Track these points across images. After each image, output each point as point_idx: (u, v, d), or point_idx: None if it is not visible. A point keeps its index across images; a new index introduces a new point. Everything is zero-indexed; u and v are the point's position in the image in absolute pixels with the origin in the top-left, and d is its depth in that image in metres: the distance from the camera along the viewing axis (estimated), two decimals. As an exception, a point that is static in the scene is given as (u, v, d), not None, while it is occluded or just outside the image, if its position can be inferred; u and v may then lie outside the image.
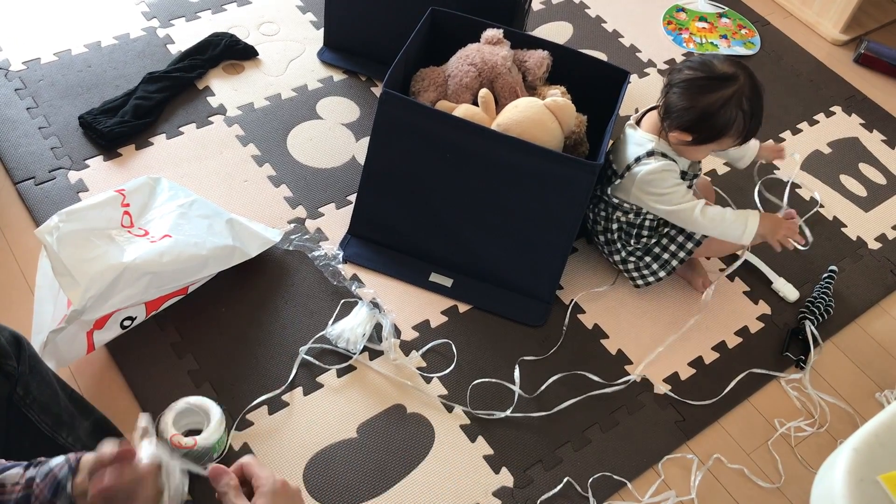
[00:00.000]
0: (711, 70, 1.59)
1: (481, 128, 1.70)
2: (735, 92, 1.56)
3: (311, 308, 1.72)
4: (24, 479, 0.89)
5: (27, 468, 0.90)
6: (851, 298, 1.95)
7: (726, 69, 1.58)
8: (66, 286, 1.40)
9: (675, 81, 1.62)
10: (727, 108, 1.57)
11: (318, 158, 2.01)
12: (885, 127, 2.41)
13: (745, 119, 1.58)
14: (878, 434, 1.03)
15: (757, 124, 1.62)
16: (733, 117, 1.58)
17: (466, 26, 1.92)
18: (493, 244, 1.78)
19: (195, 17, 2.30)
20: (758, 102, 1.59)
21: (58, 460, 0.90)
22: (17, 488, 0.88)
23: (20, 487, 0.88)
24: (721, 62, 1.60)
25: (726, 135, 1.60)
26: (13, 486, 0.88)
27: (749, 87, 1.57)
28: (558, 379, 1.68)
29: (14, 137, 1.92)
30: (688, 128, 1.61)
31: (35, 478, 0.88)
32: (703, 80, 1.58)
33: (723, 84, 1.57)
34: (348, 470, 1.50)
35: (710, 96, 1.57)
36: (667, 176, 1.66)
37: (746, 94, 1.57)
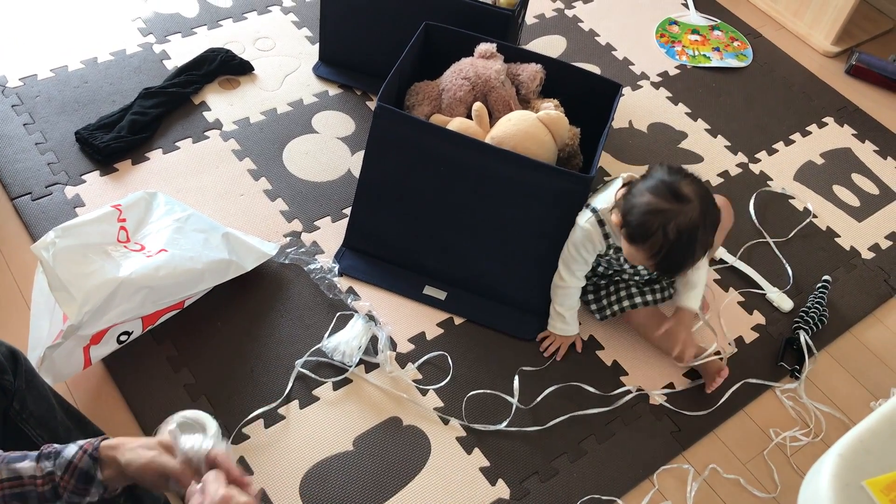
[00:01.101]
0: (675, 181, 1.46)
1: (475, 141, 1.71)
2: (671, 211, 1.43)
3: (307, 321, 1.72)
4: (43, 473, 0.90)
5: (38, 460, 0.91)
6: (845, 308, 1.96)
7: (686, 190, 1.44)
8: (62, 301, 1.40)
9: (650, 170, 1.52)
10: (653, 219, 1.44)
11: (314, 172, 2.02)
12: (877, 137, 2.43)
13: (663, 243, 1.45)
14: (863, 439, 1.04)
15: (676, 262, 1.49)
16: (653, 231, 1.45)
17: (460, 41, 1.94)
18: (487, 257, 1.79)
19: (191, 32, 2.32)
20: (687, 240, 1.44)
21: (72, 451, 0.92)
22: (38, 482, 0.90)
23: (42, 481, 0.90)
24: (691, 183, 1.46)
25: (640, 244, 1.48)
26: (31, 479, 0.90)
27: (689, 220, 1.43)
28: (554, 391, 1.68)
29: (11, 153, 1.93)
30: (623, 214, 1.51)
31: (55, 472, 0.90)
32: (661, 184, 1.46)
33: (670, 197, 1.44)
34: (345, 483, 1.50)
35: (651, 198, 1.46)
36: (581, 236, 1.64)
37: (681, 223, 1.43)
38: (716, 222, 1.49)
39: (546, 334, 1.77)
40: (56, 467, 0.90)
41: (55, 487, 0.90)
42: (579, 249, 1.65)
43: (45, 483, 0.90)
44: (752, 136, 2.36)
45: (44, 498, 0.90)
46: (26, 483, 0.89)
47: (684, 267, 1.53)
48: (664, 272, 1.54)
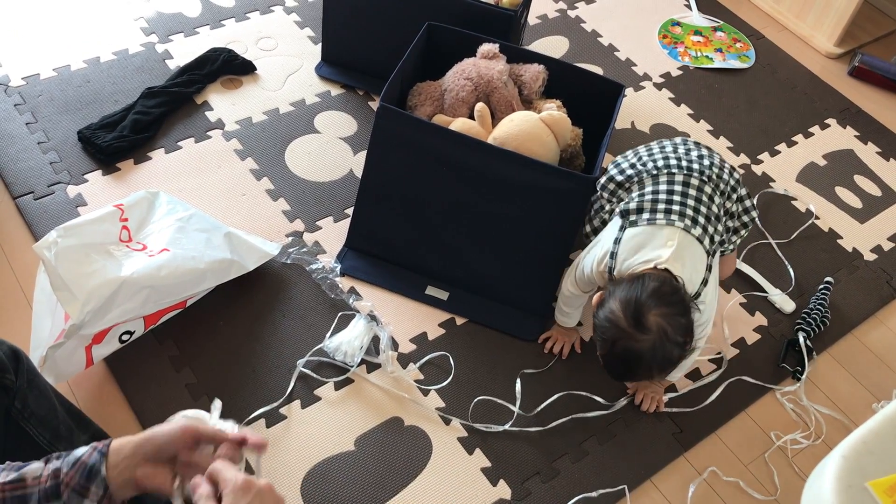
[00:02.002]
0: (643, 307, 1.37)
1: (477, 141, 1.71)
2: (622, 334, 1.38)
3: (309, 321, 1.72)
4: (48, 471, 0.90)
5: (47, 462, 0.91)
6: (847, 310, 1.96)
7: (650, 321, 1.36)
8: (64, 301, 1.40)
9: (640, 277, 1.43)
10: (608, 329, 1.40)
11: (316, 172, 2.02)
12: (879, 139, 2.43)
13: (608, 353, 1.42)
14: (866, 441, 1.03)
15: (615, 372, 1.46)
16: (605, 338, 1.42)
17: (463, 41, 1.94)
18: (489, 257, 1.79)
19: (194, 32, 2.32)
20: (629, 363, 1.40)
21: (83, 449, 0.91)
22: (41, 480, 0.89)
23: (45, 478, 0.89)
24: (660, 315, 1.37)
25: (599, 349, 1.45)
26: (35, 480, 0.89)
27: (636, 349, 1.37)
28: (556, 393, 1.68)
29: (13, 152, 1.93)
30: (597, 303, 1.46)
31: (62, 468, 0.90)
32: (631, 303, 1.38)
33: (630, 320, 1.37)
34: (346, 483, 1.50)
35: (617, 309, 1.39)
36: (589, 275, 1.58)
37: (629, 347, 1.38)
38: (669, 358, 1.40)
39: (548, 334, 1.76)
40: (64, 464, 0.90)
41: (57, 485, 0.89)
42: (584, 275, 1.60)
43: (48, 479, 0.89)
44: (755, 138, 2.35)
45: (45, 496, 0.89)
46: (29, 484, 0.89)
47: (623, 378, 1.58)
48: (606, 371, 1.47)
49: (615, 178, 1.64)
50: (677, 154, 1.63)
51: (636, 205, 1.55)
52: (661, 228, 1.50)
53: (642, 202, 1.55)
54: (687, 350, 1.42)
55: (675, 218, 1.50)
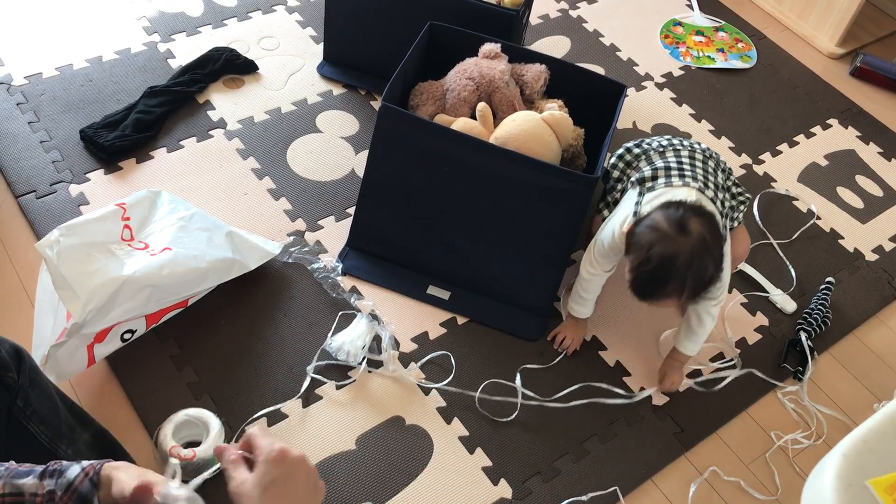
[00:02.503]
0: (687, 214, 1.43)
1: (479, 141, 1.71)
2: (661, 237, 1.42)
3: (311, 320, 1.72)
4: (44, 491, 0.90)
5: (42, 478, 0.91)
6: (849, 310, 1.96)
7: (692, 226, 1.42)
8: (66, 299, 1.41)
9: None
10: (647, 234, 1.44)
11: (318, 172, 2.02)
12: (881, 139, 2.43)
13: (637, 261, 1.44)
14: (866, 439, 1.03)
15: (644, 285, 1.46)
16: (640, 244, 1.44)
17: (464, 41, 1.94)
18: (491, 257, 1.79)
19: (196, 31, 2.32)
20: (663, 270, 1.42)
21: (74, 471, 0.91)
22: (38, 500, 0.89)
23: (41, 500, 0.89)
24: (701, 224, 1.43)
25: (628, 251, 1.49)
26: (33, 497, 0.89)
27: (674, 250, 1.40)
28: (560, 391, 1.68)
29: (16, 151, 1.94)
30: (634, 223, 1.51)
31: (56, 490, 0.90)
32: (674, 211, 1.45)
33: (674, 224, 1.42)
34: (347, 482, 1.51)
35: (658, 217, 1.45)
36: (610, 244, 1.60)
37: (660, 250, 1.41)
38: (703, 272, 1.42)
39: (558, 330, 1.77)
40: (57, 487, 0.90)
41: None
42: (604, 247, 1.61)
43: (44, 501, 0.90)
44: (756, 138, 2.35)
45: None
46: (27, 499, 0.89)
47: (651, 294, 1.48)
48: (633, 291, 1.48)
49: (625, 157, 1.79)
50: (678, 138, 1.78)
51: (650, 173, 1.65)
52: (678, 188, 1.59)
53: (655, 171, 1.65)
54: (719, 276, 1.46)
55: (689, 180, 1.61)
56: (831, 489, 0.97)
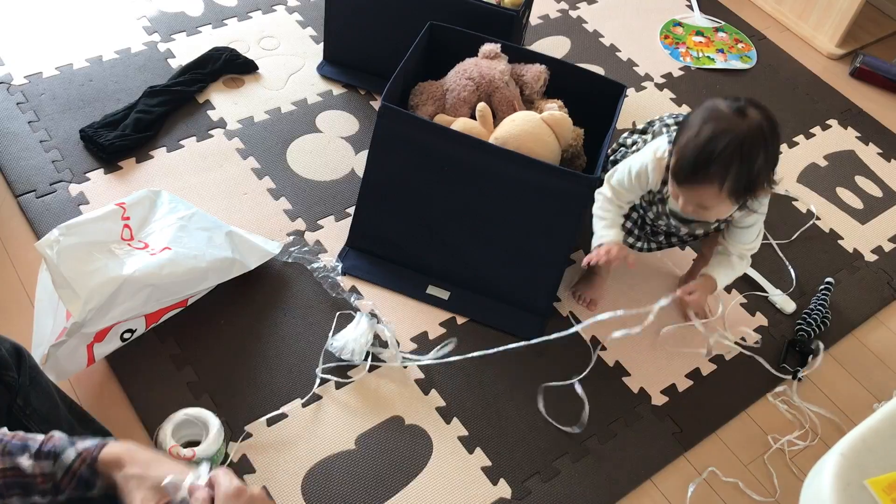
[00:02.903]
0: (745, 103, 1.39)
1: (479, 141, 1.71)
2: (717, 115, 1.37)
3: (310, 320, 1.73)
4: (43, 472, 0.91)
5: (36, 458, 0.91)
6: (848, 310, 1.96)
7: (750, 115, 1.38)
8: (66, 299, 1.41)
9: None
10: (701, 111, 1.40)
11: (318, 171, 2.02)
12: (880, 140, 2.43)
13: (686, 138, 1.39)
14: (865, 439, 1.04)
15: (689, 162, 1.39)
16: (692, 122, 1.40)
17: (464, 41, 1.94)
18: (490, 257, 1.79)
19: (196, 31, 2.32)
20: (697, 151, 1.37)
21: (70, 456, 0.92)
22: (38, 480, 0.91)
23: (42, 479, 0.91)
24: (759, 113, 1.39)
25: (677, 143, 1.43)
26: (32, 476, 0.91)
27: (727, 127, 1.36)
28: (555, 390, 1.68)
29: (15, 151, 1.94)
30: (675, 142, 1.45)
31: (56, 472, 0.91)
32: (721, 102, 1.40)
33: (734, 108, 1.38)
34: (346, 481, 1.51)
35: (717, 100, 1.41)
36: (640, 165, 1.57)
37: (713, 127, 1.37)
38: (753, 158, 1.36)
39: (591, 257, 1.62)
40: (56, 468, 0.91)
41: (56, 485, 0.91)
42: (632, 175, 1.57)
43: (46, 481, 0.91)
44: (756, 138, 2.35)
45: (46, 492, 0.91)
46: (27, 476, 0.91)
47: (693, 170, 1.38)
48: (674, 172, 1.41)
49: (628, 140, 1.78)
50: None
51: (674, 121, 1.66)
52: None
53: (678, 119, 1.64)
54: (767, 180, 1.40)
55: None
56: (830, 489, 0.97)
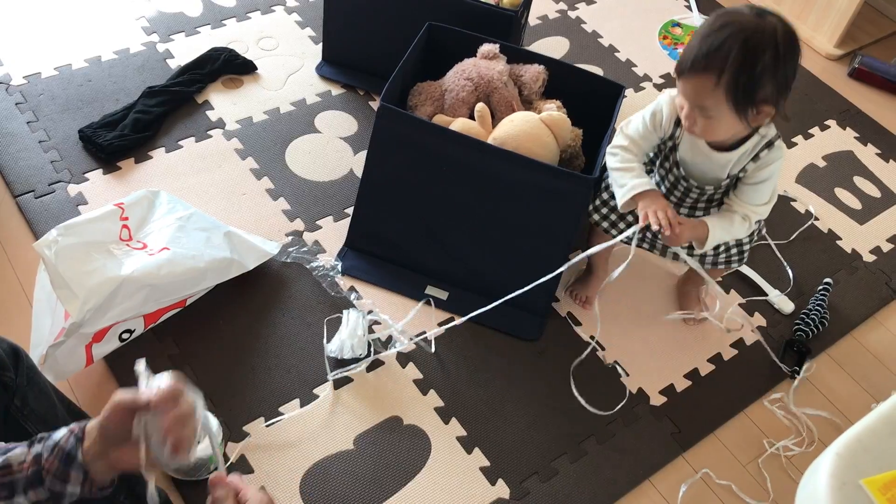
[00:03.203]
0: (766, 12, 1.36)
1: (477, 142, 1.71)
2: (734, 14, 1.34)
3: (309, 320, 1.72)
4: (30, 457, 0.89)
5: (30, 446, 0.91)
6: (846, 311, 1.96)
7: (768, 19, 1.34)
8: (64, 299, 1.41)
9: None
10: (720, 11, 1.36)
11: (316, 172, 2.02)
12: (879, 140, 2.43)
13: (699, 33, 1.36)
14: (861, 439, 1.03)
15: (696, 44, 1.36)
16: (708, 21, 1.36)
17: (463, 41, 1.94)
18: (489, 257, 1.79)
19: (195, 32, 2.32)
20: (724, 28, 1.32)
21: (61, 433, 0.91)
22: (24, 466, 0.89)
23: (27, 465, 0.89)
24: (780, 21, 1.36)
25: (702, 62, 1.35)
26: (20, 465, 0.89)
27: (742, 21, 1.33)
28: (554, 390, 1.68)
29: (14, 151, 1.94)
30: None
31: (42, 453, 0.89)
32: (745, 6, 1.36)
33: (754, 10, 1.35)
34: (345, 482, 1.51)
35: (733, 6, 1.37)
36: (653, 107, 1.55)
37: (726, 19, 1.33)
38: (755, 66, 1.32)
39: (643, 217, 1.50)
40: (44, 449, 0.90)
41: (39, 470, 0.89)
42: (646, 119, 1.54)
43: (31, 466, 0.89)
44: (755, 139, 2.36)
45: (28, 482, 0.89)
46: (14, 470, 0.89)
47: (695, 56, 1.35)
48: (682, 55, 1.36)
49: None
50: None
51: None
52: None
53: None
54: (775, 92, 1.35)
55: None
56: (825, 488, 0.97)
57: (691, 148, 1.54)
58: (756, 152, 1.49)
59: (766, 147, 1.49)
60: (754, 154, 1.49)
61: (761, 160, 1.49)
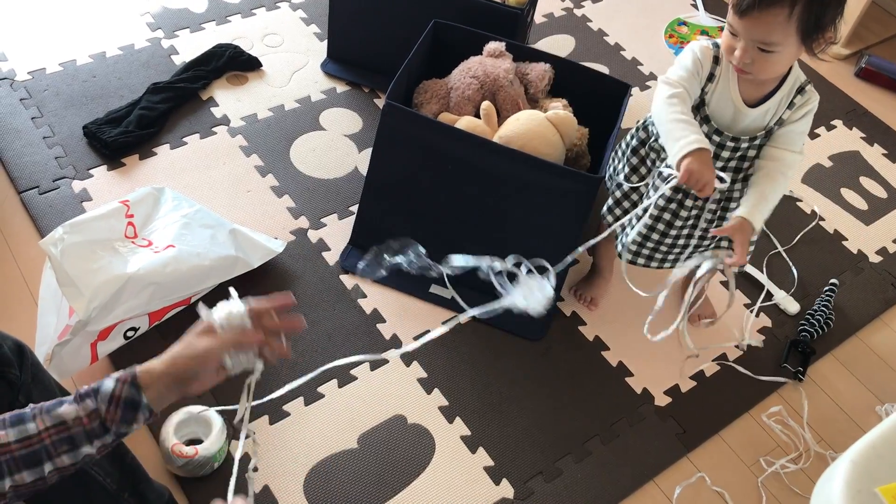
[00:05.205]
0: None
1: (483, 140, 1.71)
2: None
3: (313, 318, 1.72)
4: (85, 412, 0.90)
5: (78, 401, 0.91)
6: (852, 312, 1.95)
7: None
8: (70, 297, 1.41)
9: None
10: None
11: (321, 169, 2.02)
12: (885, 140, 2.42)
13: None
14: (875, 446, 1.03)
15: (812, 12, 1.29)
16: None
17: (469, 39, 1.93)
18: (494, 256, 1.78)
19: (199, 28, 2.32)
20: None
21: (109, 385, 0.92)
22: (84, 420, 0.90)
23: (88, 419, 0.90)
24: None
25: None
26: (77, 420, 0.90)
27: None
28: (556, 390, 1.68)
29: (19, 147, 1.93)
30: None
31: (97, 408, 0.90)
32: None
33: None
34: (349, 480, 1.51)
35: None
36: (695, 48, 1.47)
37: None
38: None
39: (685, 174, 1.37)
40: (99, 402, 0.91)
41: (102, 422, 0.90)
42: (687, 62, 1.47)
43: (92, 420, 0.90)
44: (761, 138, 2.35)
45: (93, 434, 0.90)
46: (72, 425, 0.90)
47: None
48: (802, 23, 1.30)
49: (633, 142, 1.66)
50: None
51: None
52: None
53: None
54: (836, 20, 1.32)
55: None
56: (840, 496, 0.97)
57: (721, 102, 1.48)
58: (791, 98, 1.45)
59: (799, 93, 1.45)
60: (789, 101, 1.45)
61: (796, 106, 1.45)
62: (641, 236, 1.62)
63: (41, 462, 0.88)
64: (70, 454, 0.89)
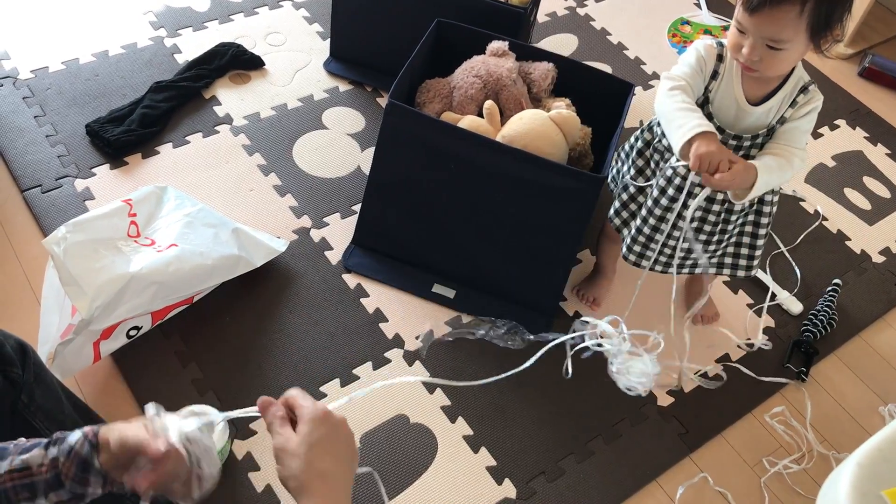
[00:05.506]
0: None
1: (486, 139, 1.70)
2: None
3: (316, 318, 1.72)
4: (48, 460, 0.89)
5: (47, 447, 0.91)
6: (855, 312, 1.95)
7: None
8: (73, 296, 1.41)
9: None
10: None
11: (324, 168, 2.02)
12: (889, 140, 2.41)
13: None
14: (882, 449, 1.03)
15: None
16: None
17: (472, 38, 1.93)
18: (496, 256, 1.78)
19: (202, 27, 2.32)
20: None
21: (76, 437, 0.91)
22: (43, 469, 0.89)
23: (46, 468, 0.89)
24: None
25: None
26: (39, 468, 0.89)
27: None
28: (558, 390, 1.68)
29: (21, 145, 1.93)
30: None
31: (59, 457, 0.89)
32: None
33: None
34: (351, 480, 1.50)
35: None
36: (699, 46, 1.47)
37: None
38: None
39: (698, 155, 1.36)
40: (60, 453, 0.90)
41: (57, 474, 0.89)
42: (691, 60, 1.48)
43: (49, 470, 0.89)
44: (764, 138, 2.35)
45: (48, 485, 0.89)
46: (34, 472, 0.89)
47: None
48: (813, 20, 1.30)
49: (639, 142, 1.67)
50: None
51: None
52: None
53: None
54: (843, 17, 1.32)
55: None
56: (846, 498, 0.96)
57: (724, 101, 1.48)
58: (793, 97, 1.45)
59: (801, 91, 1.45)
60: (792, 100, 1.45)
61: (799, 104, 1.45)
62: (646, 237, 1.62)
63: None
64: (28, 502, 0.88)
